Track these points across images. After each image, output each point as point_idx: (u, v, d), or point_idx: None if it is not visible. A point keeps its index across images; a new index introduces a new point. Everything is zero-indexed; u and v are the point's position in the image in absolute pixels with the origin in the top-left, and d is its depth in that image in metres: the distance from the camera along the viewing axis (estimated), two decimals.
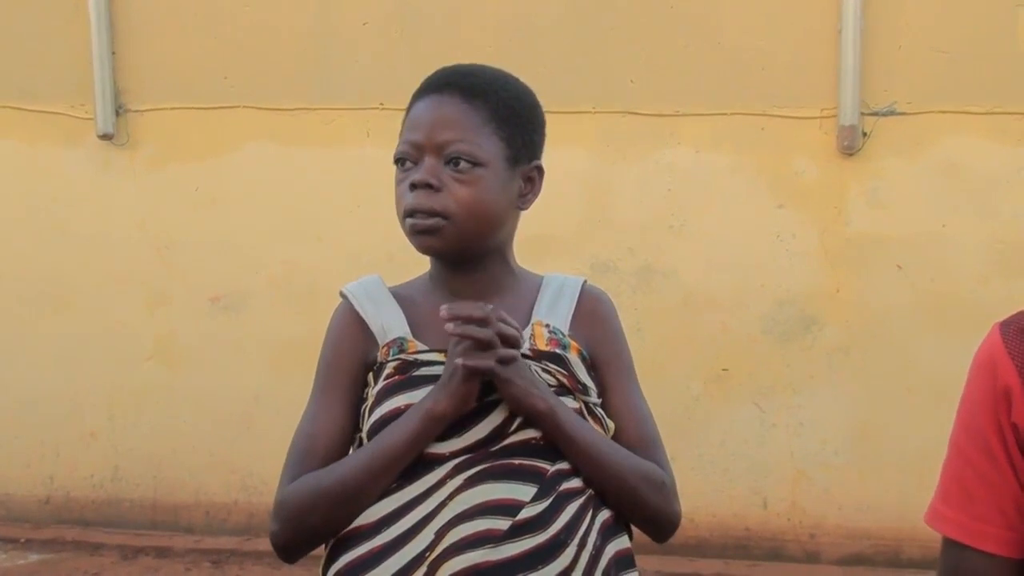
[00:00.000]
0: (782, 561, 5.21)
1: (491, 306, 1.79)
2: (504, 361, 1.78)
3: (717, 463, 5.18)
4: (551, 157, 1.99)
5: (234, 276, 5.66)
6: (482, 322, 1.75)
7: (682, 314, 5.21)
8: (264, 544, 5.23)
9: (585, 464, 1.85)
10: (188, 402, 5.75)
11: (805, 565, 5.19)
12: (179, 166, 5.68)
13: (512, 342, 1.79)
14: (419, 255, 1.97)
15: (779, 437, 5.22)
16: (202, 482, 5.79)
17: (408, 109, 1.95)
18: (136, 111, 5.70)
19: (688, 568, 5.01)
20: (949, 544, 1.55)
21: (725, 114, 5.15)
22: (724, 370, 5.24)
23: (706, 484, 5.19)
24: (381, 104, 5.36)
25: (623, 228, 5.28)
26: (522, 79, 2.01)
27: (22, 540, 5.72)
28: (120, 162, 5.73)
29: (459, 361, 1.76)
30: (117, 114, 5.68)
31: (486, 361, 1.76)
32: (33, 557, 5.57)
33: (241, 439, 5.66)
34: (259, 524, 5.54)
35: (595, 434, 1.88)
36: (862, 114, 5.03)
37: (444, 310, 1.77)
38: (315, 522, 1.84)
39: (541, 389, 1.84)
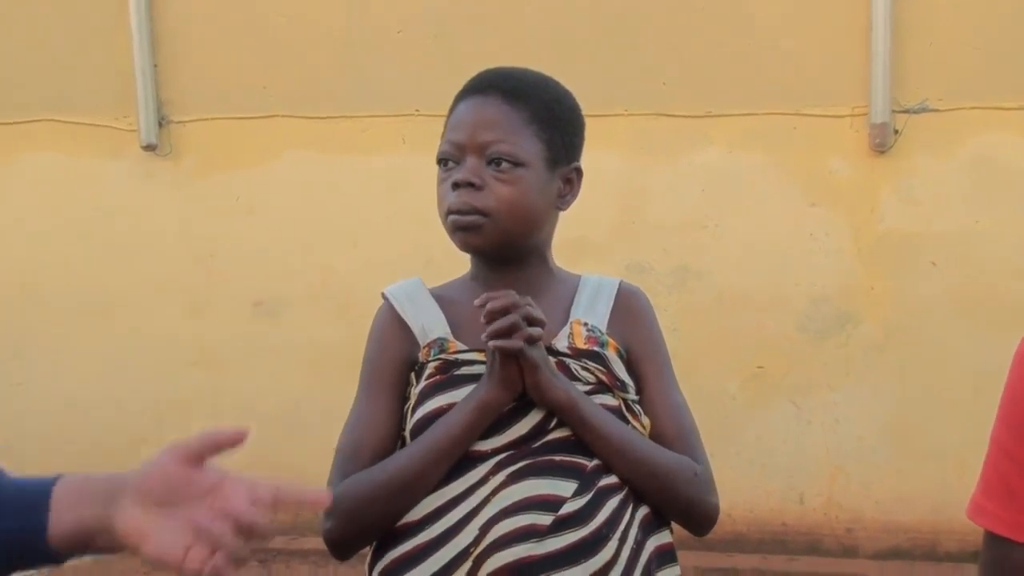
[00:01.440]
0: (819, 555, 5.19)
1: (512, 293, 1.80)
2: (530, 341, 1.77)
3: (754, 460, 5.16)
4: (584, 160, 1.99)
5: (274, 282, 5.67)
6: (509, 308, 1.75)
7: (717, 313, 5.19)
8: (309, 543, 5.35)
9: (612, 457, 1.85)
10: (232, 405, 5.73)
11: (842, 559, 5.15)
12: (220, 175, 5.70)
13: (538, 324, 1.78)
14: (455, 260, 2.00)
15: (815, 434, 5.18)
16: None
17: (451, 110, 1.96)
18: (178, 122, 5.72)
19: (726, 563, 5.01)
20: (991, 538, 1.58)
21: (757, 114, 5.11)
22: (760, 368, 5.20)
23: (743, 481, 5.17)
24: (417, 110, 5.33)
25: (657, 229, 5.26)
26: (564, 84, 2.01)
27: None
28: (163, 172, 5.75)
29: (491, 343, 1.77)
30: (159, 125, 5.69)
31: (515, 342, 1.75)
32: (87, 558, 5.51)
33: (284, 441, 5.57)
34: (304, 523, 5.44)
35: (622, 427, 1.88)
36: (893, 112, 4.97)
37: (479, 300, 1.77)
38: (372, 516, 1.84)
39: (565, 384, 1.84)
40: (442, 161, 1.93)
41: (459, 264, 2.03)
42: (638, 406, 1.94)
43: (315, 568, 5.29)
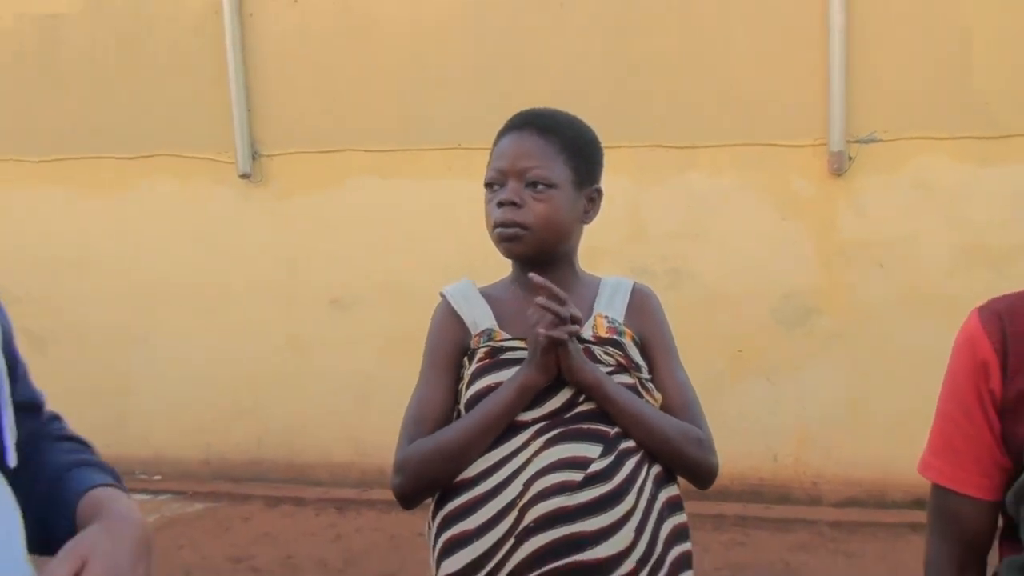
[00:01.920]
0: (790, 504, 5.24)
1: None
2: (571, 334, 1.80)
3: (736, 426, 5.18)
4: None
5: (347, 283, 5.75)
6: (561, 301, 1.78)
7: (705, 307, 5.23)
8: (375, 494, 5.47)
9: (629, 425, 1.85)
10: (314, 384, 5.86)
11: (809, 507, 5.20)
12: (301, 198, 5.79)
13: (576, 321, 1.80)
14: (494, 264, 2.05)
15: (786, 405, 5.26)
16: (326, 446, 5.88)
17: (495, 143, 1.98)
18: (268, 155, 5.81)
19: (714, 510, 5.05)
20: (936, 489, 1.58)
21: (735, 145, 5.16)
22: (740, 351, 5.28)
23: (727, 443, 4.93)
24: (459, 144, 5.42)
25: (656, 239, 5.31)
26: None
27: (189, 493, 5.80)
28: (256, 196, 5.85)
29: (541, 331, 1.78)
30: (253, 158, 5.79)
31: (561, 332, 1.77)
32: (198, 506, 5.65)
33: (356, 412, 5.75)
34: (371, 480, 5.64)
35: (639, 401, 1.88)
36: (847, 142, 5.03)
37: (534, 278, 1.79)
38: (433, 474, 1.86)
39: (592, 367, 1.84)
40: (489, 185, 1.94)
41: (496, 268, 2.06)
42: (650, 383, 1.93)
43: (379, 514, 5.31)
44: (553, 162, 1.92)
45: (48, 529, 1.33)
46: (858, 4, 4.98)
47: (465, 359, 1.94)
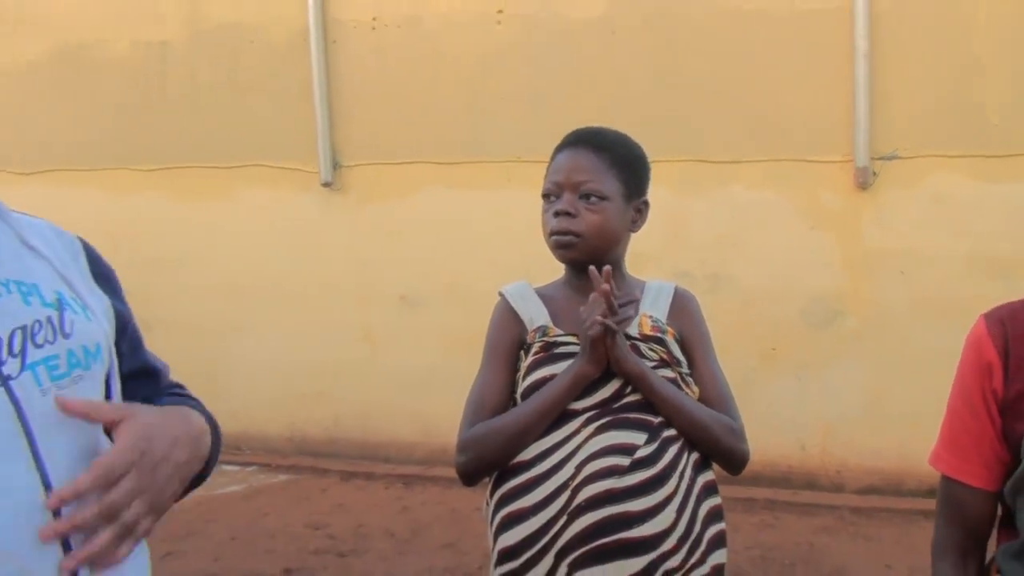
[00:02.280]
0: (816, 490, 5.20)
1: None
2: (620, 323, 1.80)
3: (768, 418, 5.13)
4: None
5: (415, 282, 5.76)
6: (612, 296, 1.79)
7: (741, 309, 5.20)
8: (439, 471, 5.46)
9: (671, 414, 1.85)
10: (385, 371, 5.87)
11: (832, 493, 5.16)
12: (377, 205, 5.81)
13: (623, 314, 1.82)
14: (549, 267, 2.04)
15: (813, 399, 5.21)
16: (396, 427, 5.90)
17: (552, 158, 1.98)
18: (347, 166, 5.84)
19: (746, 495, 4.99)
20: (945, 480, 1.57)
21: (769, 160, 5.13)
22: (773, 350, 5.23)
23: (759, 434, 4.89)
24: (518, 157, 5.42)
25: (696, 246, 5.29)
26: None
27: (273, 466, 5.86)
28: (336, 203, 5.88)
29: (598, 317, 1.78)
30: (334, 168, 5.82)
31: (610, 322, 1.78)
32: (281, 477, 5.71)
33: (421, 397, 5.75)
34: (435, 458, 5.64)
35: (679, 393, 1.88)
36: (872, 158, 4.98)
37: (593, 271, 1.80)
38: (493, 454, 1.86)
39: (637, 360, 1.85)
40: (546, 195, 1.94)
41: (550, 270, 2.05)
42: (689, 378, 1.93)
43: (443, 490, 5.32)
44: (605, 176, 1.91)
45: None
46: (880, 32, 4.94)
47: (521, 352, 1.94)
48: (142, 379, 1.45)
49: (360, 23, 5.71)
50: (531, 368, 1.89)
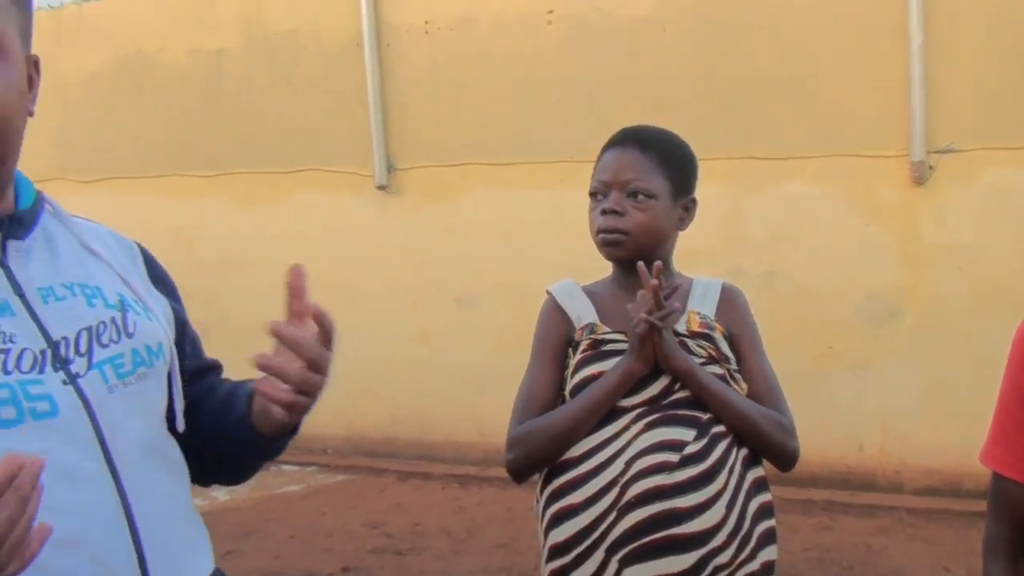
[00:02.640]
0: (874, 491, 5.15)
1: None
2: (667, 319, 1.79)
3: (825, 417, 5.09)
4: (696, 192, 1.98)
5: (470, 283, 5.81)
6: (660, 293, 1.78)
7: (796, 306, 5.15)
8: (495, 471, 5.39)
9: (720, 410, 1.84)
10: (440, 371, 5.91)
11: (891, 494, 5.11)
12: (431, 207, 5.86)
13: (675, 315, 1.82)
14: (600, 265, 2.03)
15: (870, 398, 5.15)
16: (451, 427, 5.93)
17: (599, 157, 1.97)
18: (402, 169, 5.91)
19: (804, 496, 4.98)
20: (995, 476, 1.53)
21: (825, 156, 5.09)
22: (829, 348, 5.18)
23: (816, 433, 4.87)
24: (571, 157, 5.40)
25: (751, 243, 5.26)
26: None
27: (332, 465, 5.96)
28: (391, 205, 5.95)
29: (643, 315, 1.78)
30: (388, 172, 5.89)
31: (656, 319, 1.78)
32: (339, 477, 5.80)
33: (477, 398, 5.78)
34: (491, 458, 5.64)
35: (728, 389, 1.87)
36: (928, 152, 4.93)
37: (641, 266, 1.79)
38: (542, 451, 1.86)
39: (686, 356, 1.84)
40: (593, 194, 1.94)
41: (603, 268, 2.05)
42: (737, 374, 1.92)
43: (498, 490, 5.35)
44: (652, 175, 1.91)
45: (225, 435, 1.39)
46: (935, 24, 4.89)
47: (569, 350, 1.94)
48: (208, 375, 1.50)
49: (413, 27, 5.78)
50: (579, 365, 1.89)
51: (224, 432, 1.40)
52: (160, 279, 1.46)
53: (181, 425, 1.36)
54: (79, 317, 1.24)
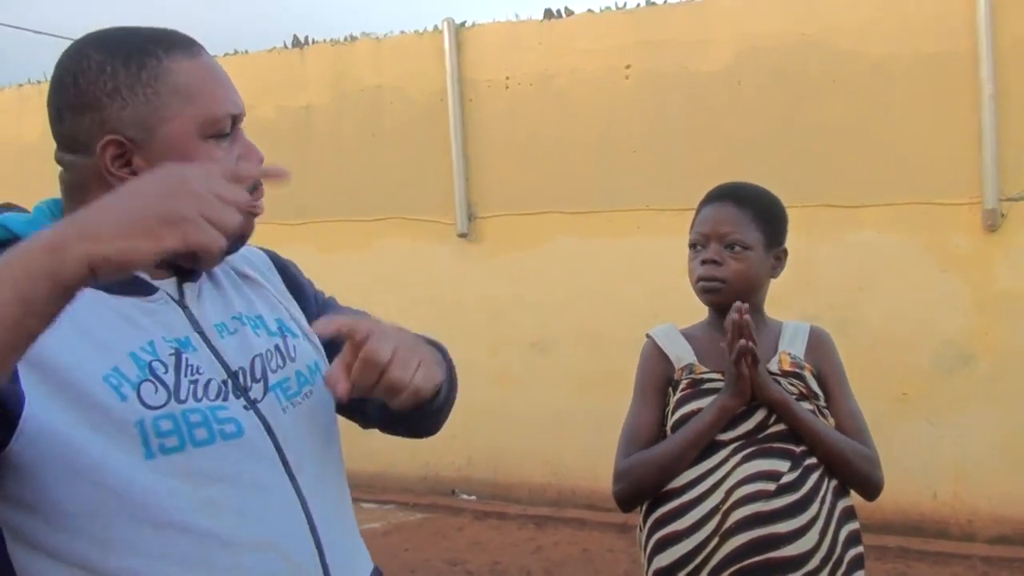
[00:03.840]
0: (947, 539, 5.08)
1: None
2: (751, 355, 1.89)
3: (899, 464, 4.76)
4: None
5: (547, 328, 5.83)
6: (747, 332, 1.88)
7: (871, 353, 5.08)
8: (569, 512, 5.52)
9: (812, 440, 1.94)
10: (516, 415, 5.93)
11: (964, 543, 5.03)
12: (510, 254, 5.92)
13: (753, 344, 1.90)
14: (676, 311, 2.16)
15: (945, 446, 5.08)
16: (526, 469, 5.94)
17: (698, 210, 2.09)
18: (482, 217, 5.99)
19: (878, 542, 4.77)
20: None
21: (898, 204, 5.07)
22: (904, 394, 5.13)
23: (890, 480, 4.68)
24: (647, 206, 5.47)
25: (825, 290, 5.21)
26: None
27: (410, 504, 5.99)
28: (471, 253, 6.02)
29: (742, 341, 1.87)
30: (470, 220, 5.97)
31: (750, 343, 1.87)
32: (417, 515, 5.84)
33: (552, 441, 5.80)
34: (565, 499, 5.68)
35: (819, 421, 1.96)
36: (1000, 200, 4.89)
37: (737, 310, 1.88)
38: (648, 481, 1.96)
39: (778, 387, 1.95)
40: (693, 245, 2.04)
41: (677, 313, 2.16)
42: (826, 410, 2.01)
43: (573, 531, 5.38)
44: (747, 228, 2.01)
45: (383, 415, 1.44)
46: (1006, 74, 4.88)
47: (669, 389, 2.04)
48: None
49: (494, 82, 5.91)
50: (679, 403, 1.99)
51: (380, 412, 1.45)
52: (295, 283, 1.54)
53: (363, 420, 1.50)
54: (250, 347, 1.35)
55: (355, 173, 6.29)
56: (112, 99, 1.23)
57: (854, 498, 2.04)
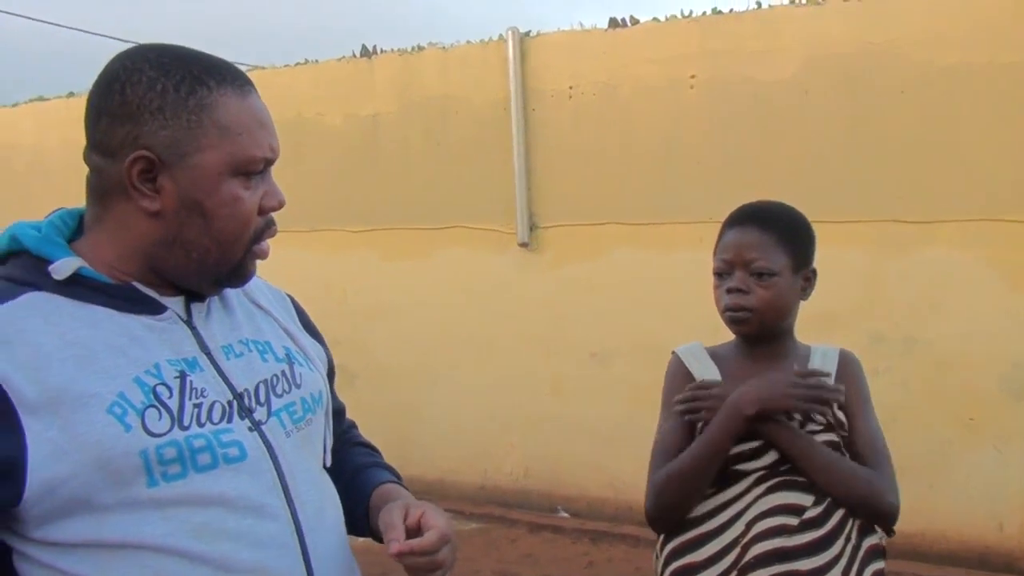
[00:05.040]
0: (1013, 573, 4.85)
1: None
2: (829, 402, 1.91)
3: (964, 493, 4.87)
4: (836, 255, 1.97)
5: (605, 339, 5.79)
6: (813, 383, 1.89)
7: (937, 374, 4.95)
8: (626, 529, 5.44)
9: (792, 453, 1.88)
10: (573, 426, 5.90)
11: None
12: (571, 264, 5.89)
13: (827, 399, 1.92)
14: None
15: (1013, 474, 4.86)
16: (584, 481, 5.90)
17: (720, 235, 2.06)
18: (543, 227, 5.96)
19: (940, 573, 4.76)
20: None
21: (969, 220, 4.89)
22: (971, 419, 4.93)
23: (955, 509, 4.88)
24: (710, 218, 5.12)
25: (891, 308, 5.07)
26: (815, 197, 2.09)
27: (466, 513, 5.95)
28: (532, 262, 6.00)
29: (800, 406, 1.88)
30: (531, 230, 5.95)
31: (818, 408, 1.89)
32: (472, 525, 5.81)
33: (610, 453, 5.75)
34: (622, 514, 5.61)
35: (812, 440, 1.89)
36: None
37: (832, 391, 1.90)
38: (671, 496, 1.91)
39: (791, 430, 1.90)
40: (718, 273, 2.02)
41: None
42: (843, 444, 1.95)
43: (630, 548, 5.33)
44: (773, 252, 1.95)
45: (345, 512, 1.50)
46: None
47: None
48: (341, 417, 1.65)
49: (558, 92, 5.87)
50: (704, 427, 1.95)
51: (343, 501, 1.51)
52: (309, 326, 1.59)
53: (328, 461, 1.50)
54: (256, 371, 1.38)
55: (419, 181, 6.33)
56: (154, 117, 1.26)
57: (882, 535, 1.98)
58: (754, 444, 1.92)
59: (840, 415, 1.95)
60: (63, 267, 1.27)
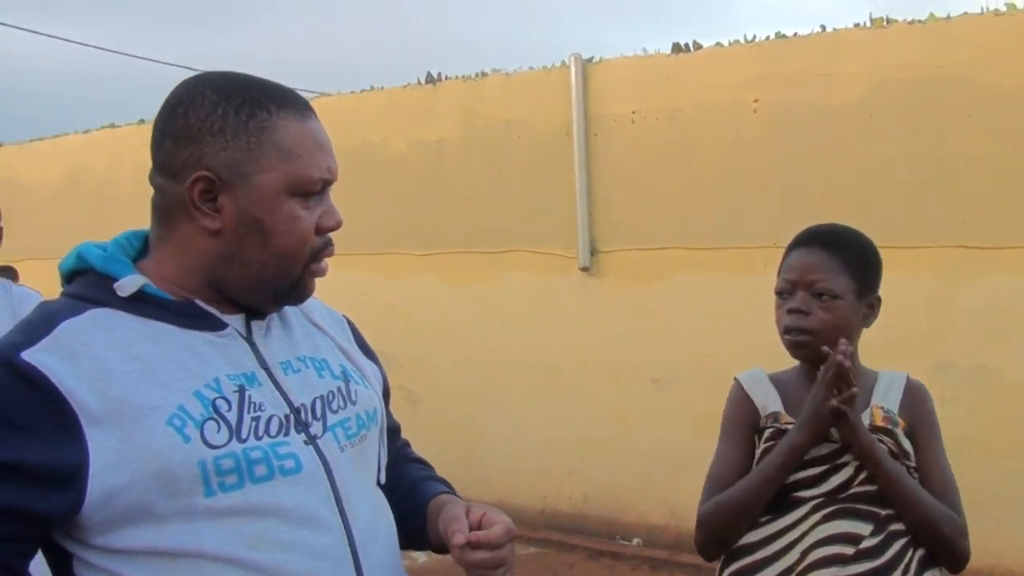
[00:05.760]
0: None
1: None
2: (847, 402, 1.84)
3: None
4: (902, 281, 1.95)
5: (667, 364, 5.75)
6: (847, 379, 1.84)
7: (1007, 403, 4.82)
8: (686, 557, 5.32)
9: (899, 499, 1.85)
10: (635, 451, 5.86)
11: None
12: (632, 289, 5.87)
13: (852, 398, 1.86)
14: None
15: None
16: (645, 508, 5.85)
17: (785, 256, 2.04)
18: (604, 252, 5.95)
19: None
20: None
21: None
22: None
23: (1022, 541, 4.71)
24: (773, 243, 5.02)
25: (960, 335, 4.96)
26: (880, 222, 2.05)
27: (524, 537, 5.87)
28: (593, 286, 5.99)
29: (833, 403, 1.82)
30: (592, 254, 5.94)
31: (841, 403, 1.83)
32: (531, 549, 5.78)
33: (671, 479, 5.68)
34: (683, 543, 5.45)
35: (905, 474, 1.88)
36: None
37: (843, 352, 1.83)
38: (720, 527, 1.92)
39: (868, 434, 1.87)
40: (780, 293, 2.00)
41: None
42: (916, 472, 1.92)
43: None
44: (838, 275, 1.93)
45: (402, 525, 1.52)
46: None
47: (756, 436, 1.99)
48: (395, 435, 1.68)
49: (620, 117, 5.89)
50: (763, 455, 1.94)
51: (400, 514, 1.53)
52: (365, 347, 1.62)
53: (383, 478, 1.52)
54: (313, 387, 1.42)
55: (482, 205, 6.38)
56: (215, 138, 1.30)
57: None
58: (816, 471, 1.90)
59: (906, 444, 1.92)
60: (127, 284, 1.32)
